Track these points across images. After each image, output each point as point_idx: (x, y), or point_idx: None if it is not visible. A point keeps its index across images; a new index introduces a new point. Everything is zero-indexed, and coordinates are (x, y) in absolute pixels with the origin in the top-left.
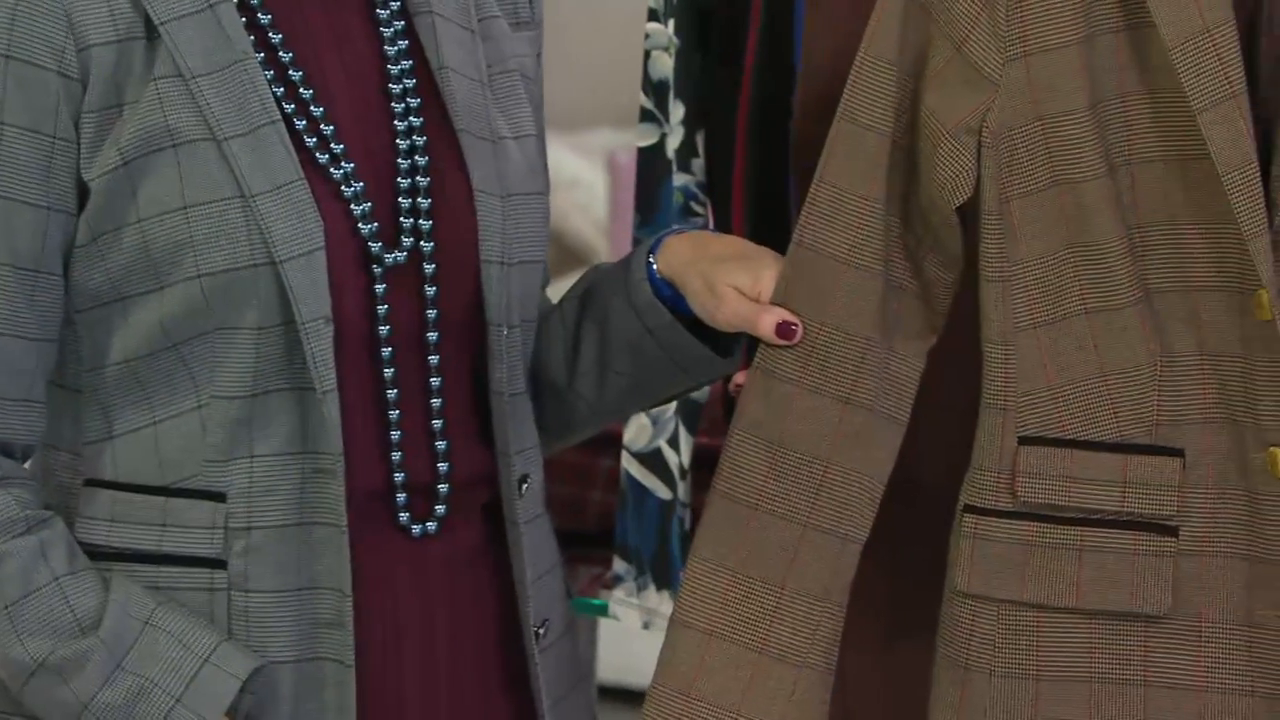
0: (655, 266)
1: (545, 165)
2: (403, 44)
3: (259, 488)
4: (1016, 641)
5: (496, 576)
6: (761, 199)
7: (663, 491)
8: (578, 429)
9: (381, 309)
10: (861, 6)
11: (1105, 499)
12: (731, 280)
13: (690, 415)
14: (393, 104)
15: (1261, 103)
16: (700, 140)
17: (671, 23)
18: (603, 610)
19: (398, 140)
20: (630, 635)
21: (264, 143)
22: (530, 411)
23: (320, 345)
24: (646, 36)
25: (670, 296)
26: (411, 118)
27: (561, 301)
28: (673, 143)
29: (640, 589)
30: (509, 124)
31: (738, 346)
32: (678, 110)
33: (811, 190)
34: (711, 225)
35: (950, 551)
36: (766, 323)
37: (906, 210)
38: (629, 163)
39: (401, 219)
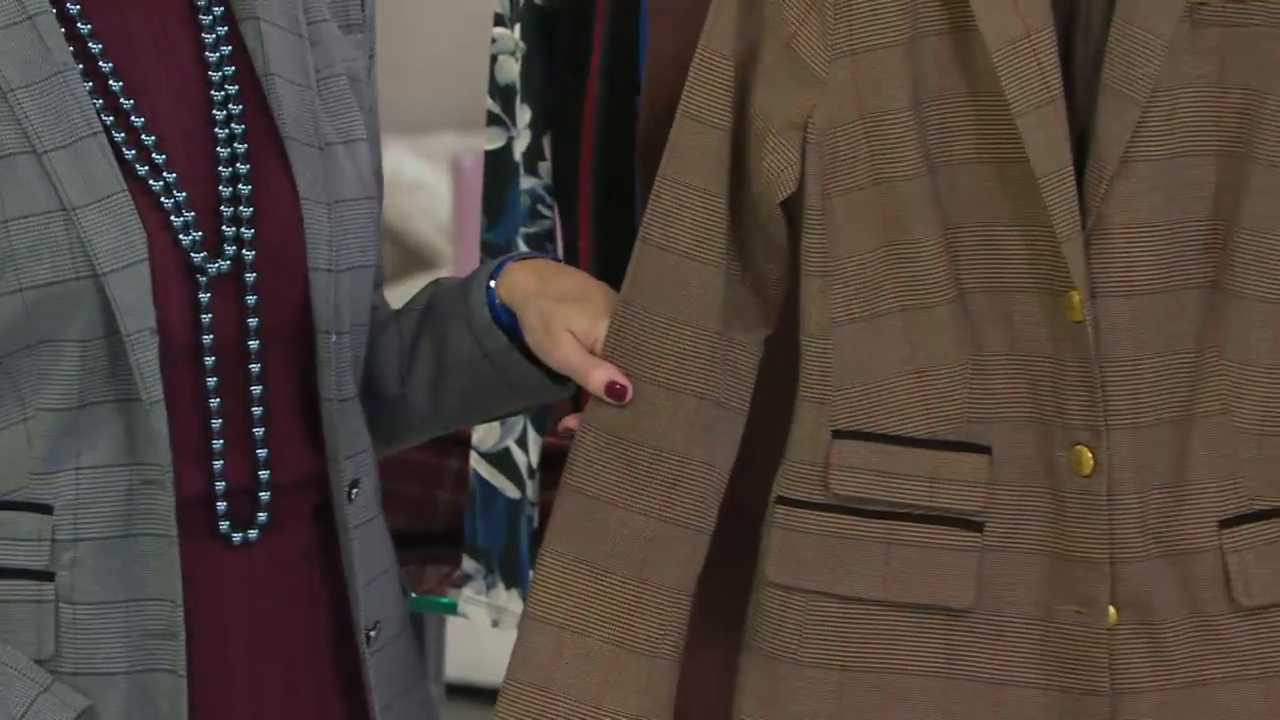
0: (496, 292)
1: (378, 169)
2: (226, 50)
3: (85, 499)
4: (823, 632)
5: (328, 579)
6: (608, 201)
7: (511, 491)
8: (410, 436)
9: (205, 318)
10: (703, 12)
11: (914, 493)
12: (568, 324)
13: (539, 415)
14: (215, 112)
15: (1077, 108)
16: (547, 144)
17: (518, 28)
18: (451, 609)
19: (219, 149)
20: (479, 633)
21: (85, 155)
22: (362, 416)
23: (146, 357)
24: (493, 41)
25: (508, 322)
26: (234, 125)
27: (401, 313)
28: (520, 146)
29: (489, 587)
30: (337, 129)
31: None
32: (524, 114)
33: (655, 186)
34: (558, 228)
35: (761, 542)
36: (597, 379)
37: (740, 204)
38: (473, 166)
39: (224, 228)
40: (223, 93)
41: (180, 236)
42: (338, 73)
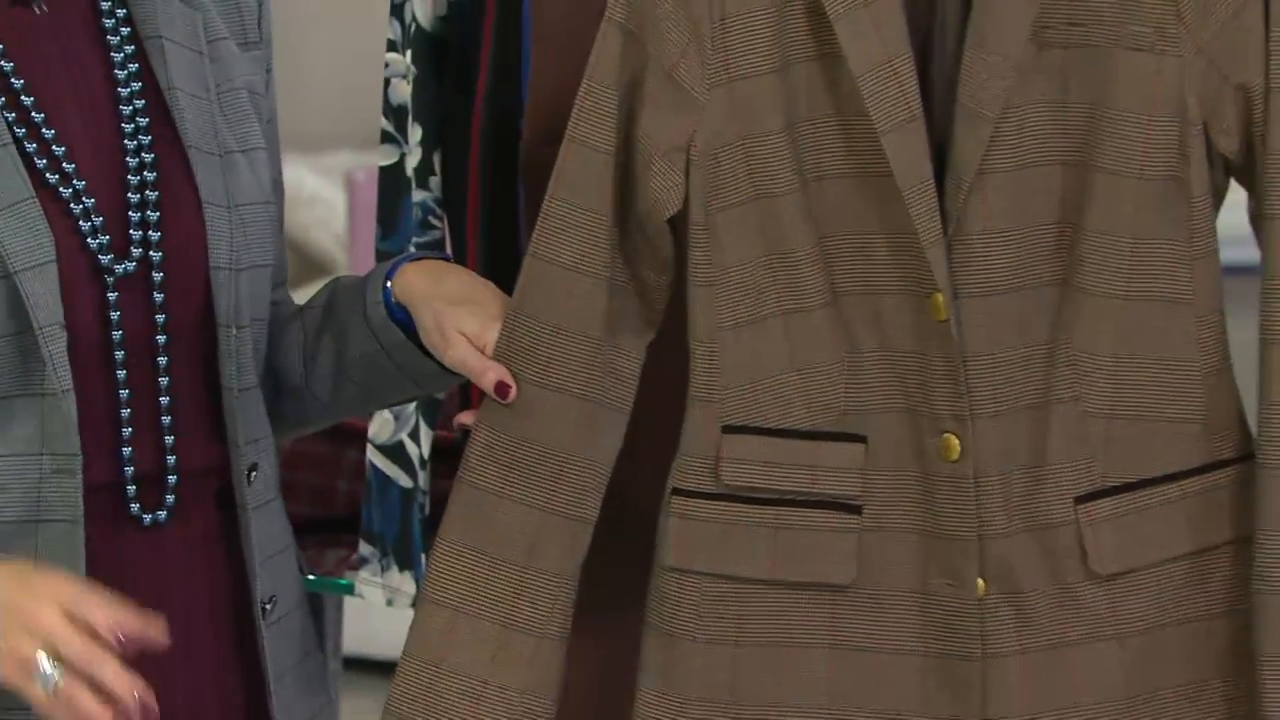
0: (392, 291)
1: (277, 176)
2: (133, 67)
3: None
4: (717, 610)
5: (229, 557)
6: (494, 213)
7: (404, 480)
8: (312, 424)
9: (114, 315)
10: (581, 41)
11: (798, 481)
12: (460, 326)
13: (430, 410)
14: (123, 124)
15: (936, 125)
16: (437, 160)
17: (409, 53)
18: (349, 589)
19: (128, 158)
20: (374, 611)
21: None
22: (262, 404)
23: (56, 349)
24: (386, 66)
25: (404, 319)
26: (141, 136)
27: (304, 310)
28: (411, 162)
29: (384, 569)
30: (237, 139)
31: None
32: (416, 133)
33: (544, 206)
34: (447, 237)
35: (659, 530)
36: (489, 379)
37: (626, 221)
38: (366, 181)
39: (132, 231)
40: (130, 106)
41: (89, 240)
42: (237, 86)
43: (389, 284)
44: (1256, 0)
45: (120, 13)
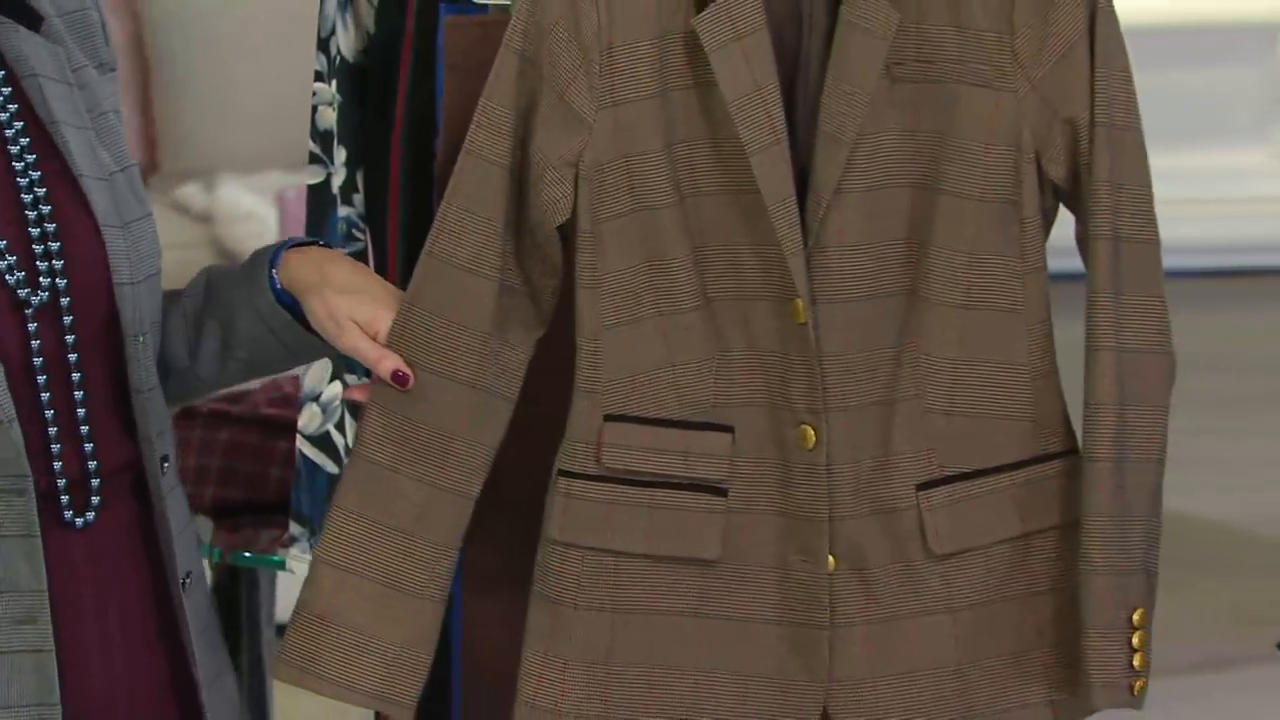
0: (278, 278)
1: (142, 185)
2: (13, 107)
3: None
4: (597, 581)
5: (146, 543)
6: (411, 226)
7: (331, 468)
8: (196, 398)
9: (35, 343)
10: (487, 70)
11: (671, 466)
12: (352, 314)
13: (355, 405)
14: (14, 162)
15: (800, 149)
16: (360, 179)
17: (334, 83)
18: (280, 565)
19: (23, 195)
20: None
21: None
22: (163, 398)
23: None
24: (314, 94)
25: (290, 302)
26: (31, 172)
27: (182, 296)
28: (337, 181)
29: (312, 547)
30: (115, 159)
31: None
32: (340, 154)
33: (440, 210)
34: (370, 248)
35: (546, 507)
36: (385, 367)
37: (519, 228)
38: (296, 199)
39: (38, 263)
40: (17, 145)
41: (6, 277)
42: (105, 110)
43: (274, 272)
44: (1083, 44)
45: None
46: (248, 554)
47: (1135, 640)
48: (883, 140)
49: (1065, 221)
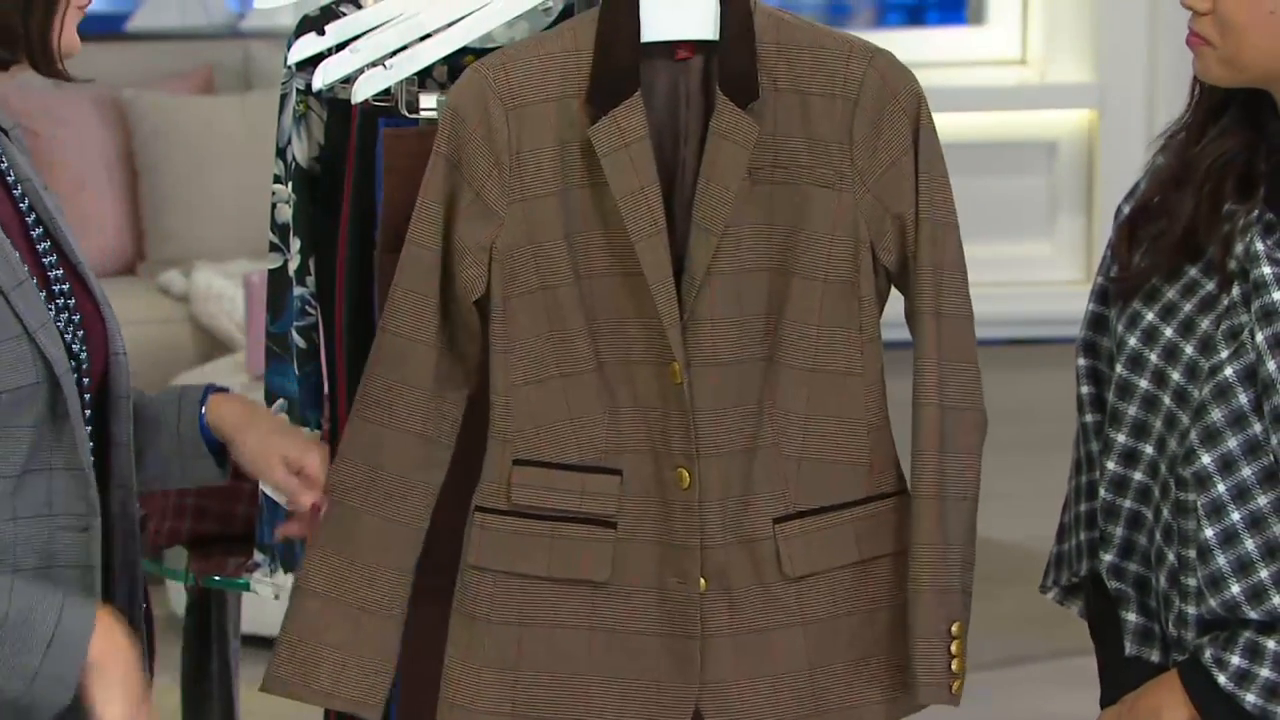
0: (206, 417)
1: None
2: (24, 204)
3: (20, 539)
4: (506, 600)
5: (126, 572)
6: (355, 302)
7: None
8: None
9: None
10: (421, 171)
11: (569, 502)
12: (282, 452)
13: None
14: (43, 258)
15: (677, 236)
16: (312, 264)
17: (290, 184)
18: (245, 586)
19: (53, 285)
20: (265, 603)
21: (30, 293)
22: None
23: (80, 434)
24: (273, 194)
25: (210, 440)
26: (50, 259)
27: None
28: (293, 266)
29: (273, 572)
30: (80, 253)
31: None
32: (296, 243)
33: (390, 292)
34: (319, 321)
35: (464, 537)
36: (305, 500)
37: (448, 303)
38: (259, 281)
39: (73, 345)
40: (42, 245)
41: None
42: (58, 205)
43: (203, 410)
44: (909, 154)
45: (4, 164)
46: (217, 578)
47: (954, 648)
48: (745, 231)
49: (896, 299)
